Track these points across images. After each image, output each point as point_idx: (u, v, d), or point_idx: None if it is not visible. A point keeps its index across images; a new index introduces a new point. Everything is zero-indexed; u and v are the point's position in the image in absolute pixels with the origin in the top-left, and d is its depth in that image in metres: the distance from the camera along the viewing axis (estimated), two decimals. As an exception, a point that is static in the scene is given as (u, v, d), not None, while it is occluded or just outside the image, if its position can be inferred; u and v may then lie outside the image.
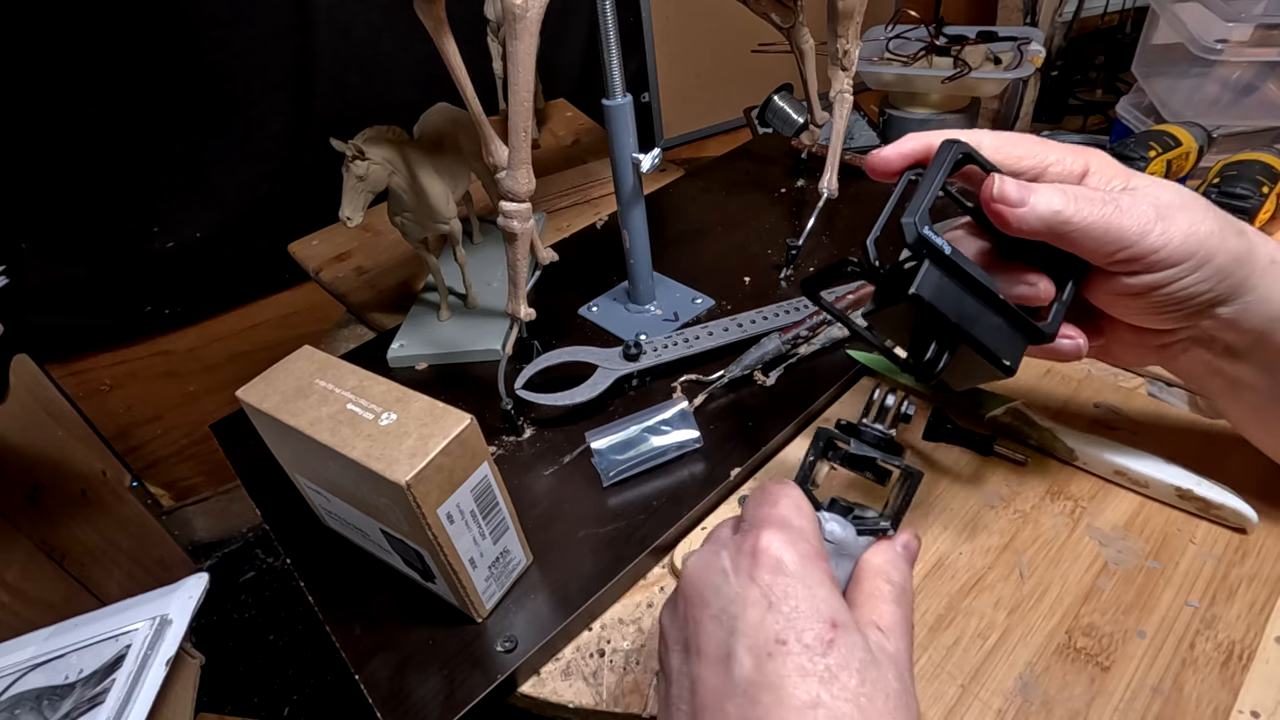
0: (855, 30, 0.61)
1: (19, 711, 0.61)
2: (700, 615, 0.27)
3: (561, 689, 0.38)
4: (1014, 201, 0.31)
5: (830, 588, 0.27)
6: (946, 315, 0.32)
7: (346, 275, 0.78)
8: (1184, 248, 0.31)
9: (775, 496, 0.30)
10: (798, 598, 0.26)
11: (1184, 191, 0.33)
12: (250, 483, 0.51)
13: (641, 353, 0.53)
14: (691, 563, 0.29)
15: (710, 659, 0.26)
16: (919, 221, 0.32)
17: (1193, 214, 0.32)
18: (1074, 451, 0.44)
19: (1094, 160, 0.34)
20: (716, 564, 0.28)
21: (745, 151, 0.88)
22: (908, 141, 0.35)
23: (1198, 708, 0.33)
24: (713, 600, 0.27)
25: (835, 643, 0.25)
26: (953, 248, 0.32)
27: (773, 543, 0.27)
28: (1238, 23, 0.81)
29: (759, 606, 0.26)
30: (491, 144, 0.48)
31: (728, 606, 0.26)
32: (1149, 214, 0.31)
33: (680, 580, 0.29)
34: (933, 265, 0.32)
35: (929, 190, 0.32)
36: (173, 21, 1.03)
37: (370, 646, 0.39)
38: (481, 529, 0.37)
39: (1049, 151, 0.34)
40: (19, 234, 1.09)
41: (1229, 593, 0.37)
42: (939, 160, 0.33)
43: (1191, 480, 0.40)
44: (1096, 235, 0.31)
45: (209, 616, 1.38)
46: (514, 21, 0.40)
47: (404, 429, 0.33)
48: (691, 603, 0.28)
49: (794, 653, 0.24)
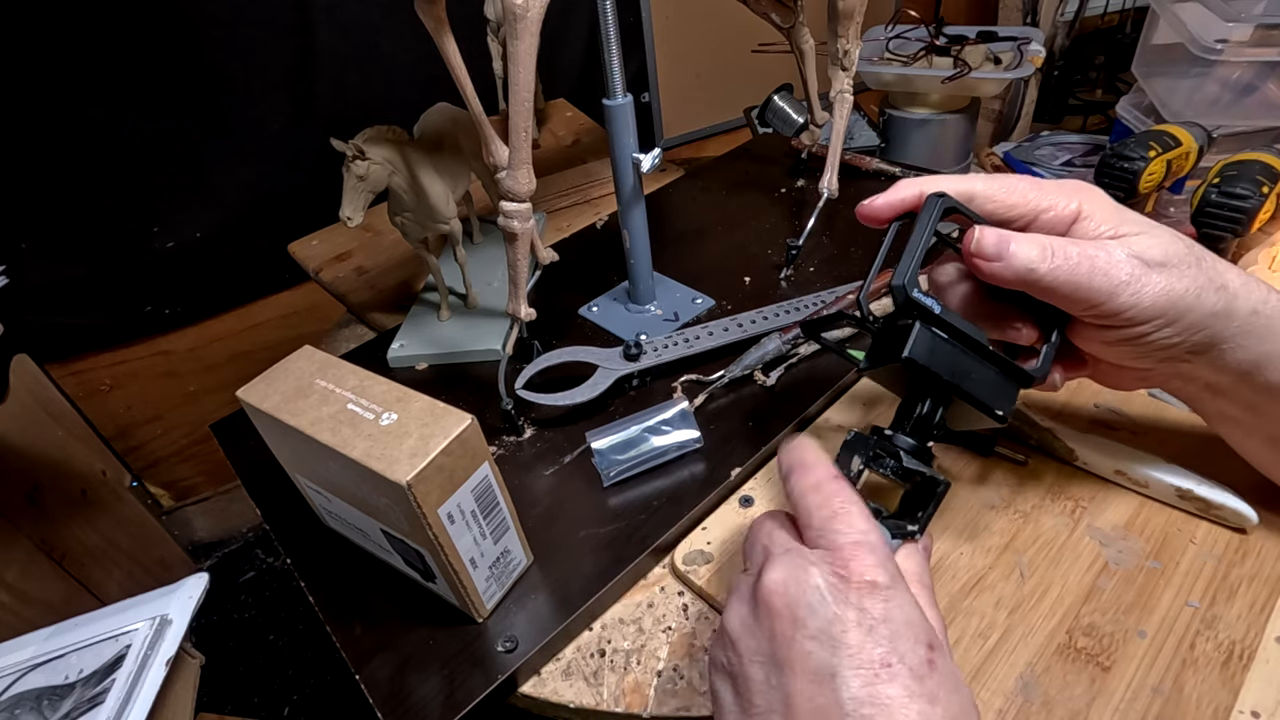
0: (855, 30, 0.61)
1: (19, 711, 0.61)
2: (794, 633, 0.27)
3: (562, 689, 0.38)
4: (990, 256, 0.33)
5: (918, 609, 0.28)
6: (939, 374, 0.33)
7: (347, 275, 0.78)
8: (1154, 308, 0.32)
9: (851, 512, 0.30)
10: (896, 621, 0.26)
11: (1172, 243, 0.33)
12: (250, 483, 0.51)
13: (642, 353, 0.53)
14: (776, 579, 0.29)
15: (811, 678, 0.26)
16: (909, 284, 0.33)
17: (1171, 273, 0.32)
18: (1074, 452, 0.44)
19: (1087, 203, 0.34)
20: (808, 582, 0.28)
21: (745, 151, 0.88)
22: (899, 191, 0.36)
23: (1198, 708, 0.33)
24: (809, 620, 0.27)
25: (935, 664, 0.26)
26: (942, 306, 0.33)
27: (866, 565, 0.28)
28: (1238, 23, 0.81)
29: (860, 629, 0.26)
30: (492, 144, 0.48)
31: (827, 628, 0.27)
32: (1124, 271, 0.32)
33: (762, 593, 0.29)
34: (924, 326, 0.33)
35: (916, 250, 0.33)
36: (173, 21, 1.03)
37: (370, 646, 0.39)
38: (482, 529, 0.37)
39: (1042, 197, 0.34)
40: (19, 234, 1.09)
41: (1229, 593, 0.37)
42: (925, 216, 0.34)
43: (1191, 480, 0.40)
44: (1067, 293, 0.32)
45: (209, 616, 1.38)
46: (515, 21, 0.40)
47: (405, 429, 0.33)
48: (782, 619, 0.28)
49: (900, 675, 0.25)
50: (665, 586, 0.42)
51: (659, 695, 0.37)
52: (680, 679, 0.37)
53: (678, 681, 0.37)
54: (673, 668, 0.38)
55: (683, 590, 0.42)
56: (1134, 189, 0.61)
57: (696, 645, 0.39)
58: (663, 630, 0.40)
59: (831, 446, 0.35)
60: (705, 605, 0.41)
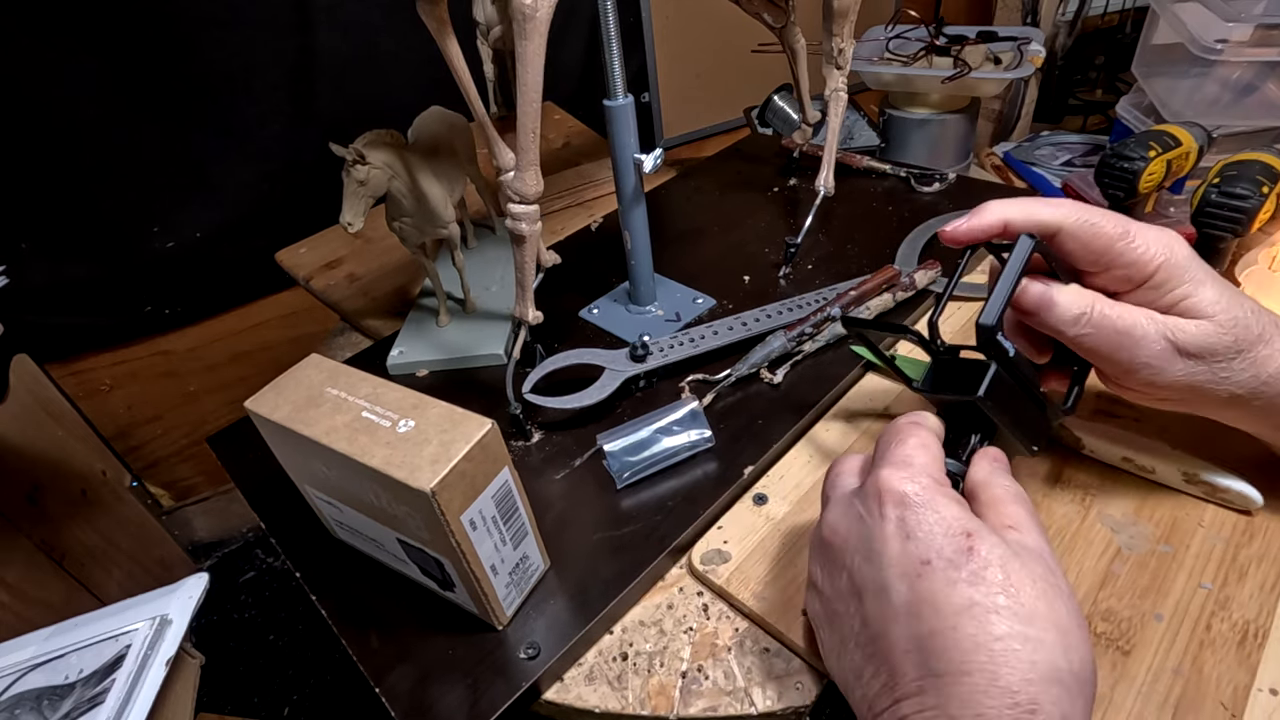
0: (850, 29, 0.61)
1: (19, 711, 0.61)
2: (851, 560, 0.30)
3: (586, 694, 0.37)
4: (1030, 309, 0.35)
5: (956, 506, 0.29)
6: (1004, 414, 0.35)
7: (338, 283, 0.77)
8: (1170, 389, 0.34)
9: (904, 435, 0.33)
10: (929, 522, 0.28)
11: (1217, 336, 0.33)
12: (252, 495, 0.50)
13: (648, 353, 0.53)
14: (830, 520, 0.32)
15: (871, 594, 0.29)
16: (995, 324, 0.33)
17: (1201, 365, 0.34)
18: (1080, 440, 0.44)
19: (1167, 265, 0.33)
20: (853, 512, 0.31)
21: (736, 151, 0.89)
22: (984, 217, 0.35)
23: (1218, 687, 0.33)
24: (859, 545, 0.30)
25: (974, 549, 0.27)
26: (1015, 350, 0.35)
27: (893, 479, 0.30)
28: (1238, 23, 0.81)
29: (897, 538, 0.29)
30: (496, 146, 0.48)
31: (872, 545, 0.29)
32: (1149, 352, 0.34)
33: (825, 536, 0.32)
34: (999, 369, 0.34)
35: (1005, 292, 0.33)
36: (173, 21, 1.02)
37: (389, 659, 0.39)
38: (503, 535, 0.36)
39: (1127, 251, 0.34)
40: (19, 234, 1.09)
41: (1240, 574, 0.37)
42: (1016, 258, 0.34)
43: (1197, 465, 0.40)
44: (1088, 352, 0.35)
45: (209, 616, 1.38)
46: (524, 21, 0.40)
47: (424, 435, 0.33)
48: (841, 552, 0.31)
49: (939, 569, 0.27)
50: (684, 587, 0.42)
51: (684, 696, 0.37)
52: (705, 679, 0.37)
53: (702, 682, 0.37)
54: (696, 668, 0.38)
55: (702, 590, 0.42)
56: (1134, 189, 0.61)
57: (719, 645, 0.39)
58: (684, 631, 0.40)
59: (843, 443, 0.35)
60: (726, 605, 0.40)
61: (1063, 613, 0.27)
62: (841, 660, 0.31)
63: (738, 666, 0.37)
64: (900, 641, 0.27)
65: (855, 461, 0.35)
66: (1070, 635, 0.26)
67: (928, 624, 0.26)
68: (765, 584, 0.40)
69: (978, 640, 0.25)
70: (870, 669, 0.28)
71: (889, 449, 0.32)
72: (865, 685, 0.29)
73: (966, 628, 0.26)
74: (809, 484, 0.46)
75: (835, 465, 0.36)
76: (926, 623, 0.26)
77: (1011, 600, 0.26)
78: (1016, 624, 0.25)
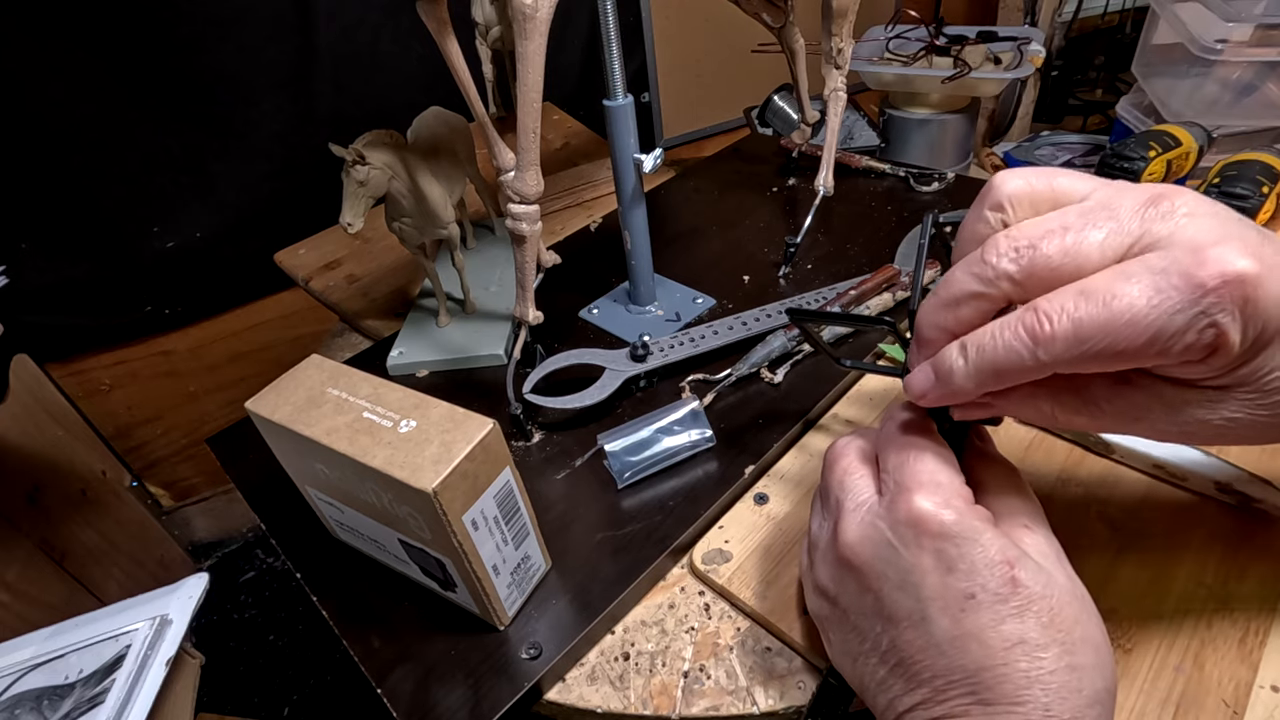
0: (849, 29, 0.61)
1: (19, 711, 0.61)
2: (880, 586, 0.29)
3: (588, 694, 0.37)
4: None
5: (992, 530, 0.28)
6: None
7: (338, 284, 0.77)
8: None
9: (920, 446, 0.31)
10: (971, 555, 0.27)
11: None
12: (252, 496, 0.50)
13: (649, 353, 0.53)
14: (851, 540, 0.30)
15: (905, 623, 0.28)
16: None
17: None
18: (1110, 445, 0.44)
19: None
20: (879, 537, 0.29)
21: (734, 151, 0.88)
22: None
23: (1219, 685, 0.33)
24: (890, 573, 0.29)
25: (1016, 579, 0.27)
26: None
27: (928, 508, 0.28)
28: (1238, 23, 0.81)
29: (937, 572, 0.27)
30: (496, 146, 0.48)
31: (907, 577, 0.28)
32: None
33: (843, 553, 0.30)
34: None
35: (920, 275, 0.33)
36: (173, 21, 1.02)
37: (390, 659, 0.39)
38: (504, 535, 0.36)
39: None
40: (19, 234, 1.09)
41: (1240, 572, 0.37)
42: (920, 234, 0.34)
43: (1231, 473, 0.40)
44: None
45: (209, 616, 1.38)
46: (525, 21, 0.39)
47: (425, 435, 0.33)
48: (866, 575, 0.30)
49: (985, 603, 0.26)
50: (685, 587, 0.42)
51: (686, 696, 0.37)
52: (707, 678, 0.37)
53: (704, 681, 0.37)
54: (699, 668, 0.38)
55: (703, 590, 0.42)
56: (1135, 189, 0.61)
57: (721, 644, 0.39)
58: (686, 631, 0.40)
59: None
60: (727, 604, 0.40)
61: (1095, 632, 0.27)
62: (858, 665, 0.30)
63: (740, 666, 0.37)
64: (943, 671, 0.27)
65: (855, 451, 0.34)
66: (1102, 653, 0.27)
67: (975, 659, 0.26)
68: (767, 583, 0.40)
69: (1030, 676, 0.26)
70: (899, 685, 0.28)
71: (907, 464, 0.30)
72: (890, 692, 0.29)
73: (1019, 663, 0.26)
74: (810, 483, 0.46)
75: (833, 453, 0.34)
76: (974, 658, 0.26)
77: (1061, 634, 0.26)
78: (1065, 656, 0.26)
